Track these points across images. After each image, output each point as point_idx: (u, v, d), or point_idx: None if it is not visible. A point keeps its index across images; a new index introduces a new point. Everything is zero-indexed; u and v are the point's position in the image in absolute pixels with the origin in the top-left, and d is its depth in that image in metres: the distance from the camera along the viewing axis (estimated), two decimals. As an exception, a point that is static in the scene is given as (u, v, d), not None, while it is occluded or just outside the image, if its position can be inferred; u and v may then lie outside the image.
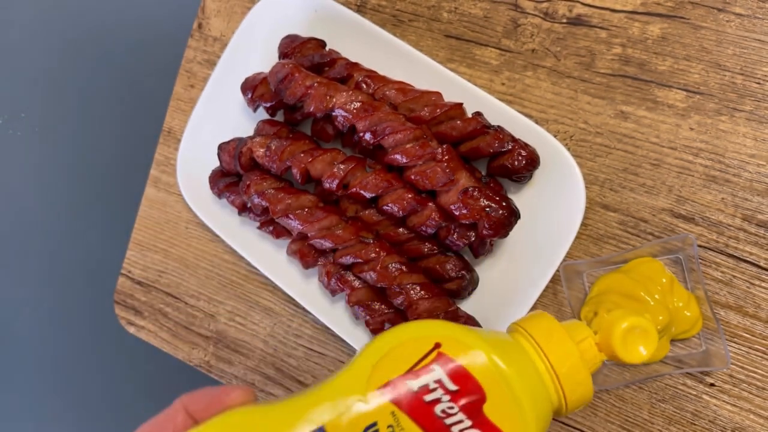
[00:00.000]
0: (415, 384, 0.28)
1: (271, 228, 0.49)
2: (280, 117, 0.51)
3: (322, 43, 0.49)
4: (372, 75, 0.46)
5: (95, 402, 0.73)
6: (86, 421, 0.73)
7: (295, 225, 0.46)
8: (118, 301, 0.59)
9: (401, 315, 0.46)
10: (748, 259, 0.43)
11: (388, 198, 0.44)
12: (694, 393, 0.44)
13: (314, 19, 0.51)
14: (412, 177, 0.43)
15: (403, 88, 0.46)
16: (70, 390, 0.75)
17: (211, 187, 0.52)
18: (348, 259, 0.45)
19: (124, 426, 0.71)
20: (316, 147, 0.47)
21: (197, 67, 0.58)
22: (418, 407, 0.28)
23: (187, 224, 0.57)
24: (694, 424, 0.44)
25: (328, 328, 0.51)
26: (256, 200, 0.47)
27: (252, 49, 0.52)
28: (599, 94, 0.46)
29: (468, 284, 0.45)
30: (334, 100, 0.44)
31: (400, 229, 0.46)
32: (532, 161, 0.43)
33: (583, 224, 0.46)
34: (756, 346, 0.43)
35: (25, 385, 0.76)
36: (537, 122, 0.47)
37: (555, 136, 0.46)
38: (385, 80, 0.46)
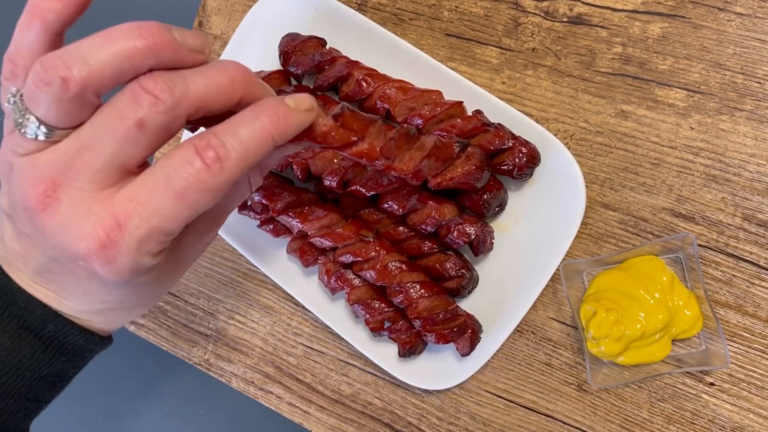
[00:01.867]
0: None
1: (270, 226, 0.49)
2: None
3: (322, 42, 0.49)
4: (372, 73, 0.46)
5: (93, 400, 0.73)
6: (85, 419, 0.73)
7: (295, 223, 0.46)
8: (118, 299, 0.59)
9: (401, 313, 0.46)
10: (747, 258, 0.43)
11: (387, 196, 0.44)
12: (694, 392, 0.44)
13: (315, 17, 0.51)
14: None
15: (403, 86, 0.46)
16: (68, 388, 0.75)
17: (211, 185, 0.52)
18: (348, 258, 0.45)
19: (122, 424, 0.71)
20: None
21: (198, 65, 0.58)
22: None
23: (186, 222, 0.57)
24: (694, 423, 0.44)
25: (328, 327, 0.51)
26: (257, 198, 0.47)
27: (252, 48, 0.52)
28: (600, 93, 0.46)
29: (468, 283, 0.45)
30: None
31: (400, 228, 0.46)
32: (533, 158, 0.43)
33: (583, 223, 0.46)
34: (755, 346, 0.43)
35: (24, 383, 0.76)
36: (537, 121, 0.47)
37: (555, 135, 0.46)
38: (385, 79, 0.46)
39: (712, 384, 0.43)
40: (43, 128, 0.26)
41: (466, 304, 0.47)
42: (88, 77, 0.24)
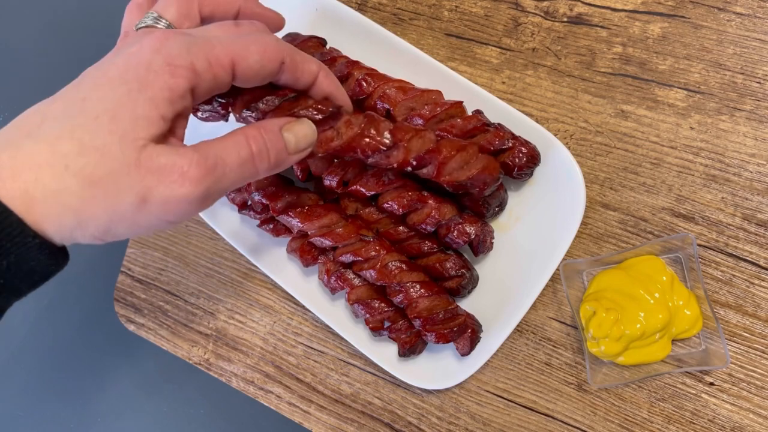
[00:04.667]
0: None
1: (271, 226, 0.49)
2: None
3: (322, 42, 0.49)
4: (372, 73, 0.46)
5: (94, 400, 0.73)
6: (84, 419, 0.73)
7: (295, 223, 0.46)
8: (118, 299, 0.59)
9: (401, 313, 0.46)
10: (747, 258, 0.43)
11: (387, 196, 0.44)
12: (694, 392, 0.44)
13: (315, 17, 0.51)
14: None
15: (403, 86, 0.46)
16: (68, 387, 0.75)
17: (212, 185, 0.52)
18: (348, 258, 0.45)
19: (122, 424, 0.71)
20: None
21: (198, 65, 0.58)
22: None
23: (187, 222, 0.57)
24: (694, 423, 0.44)
25: (328, 326, 0.51)
26: (257, 198, 0.47)
27: (253, 47, 0.52)
28: (600, 93, 0.47)
29: (468, 282, 0.45)
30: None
31: (400, 227, 0.46)
32: (533, 158, 0.43)
33: (583, 223, 0.46)
34: (755, 345, 0.43)
35: (22, 383, 0.76)
36: (537, 121, 0.47)
37: (555, 135, 0.46)
38: (385, 79, 0.46)
39: (711, 384, 0.43)
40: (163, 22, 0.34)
41: (466, 304, 0.47)
42: None
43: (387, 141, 0.39)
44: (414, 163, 0.40)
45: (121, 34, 0.37)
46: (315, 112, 0.37)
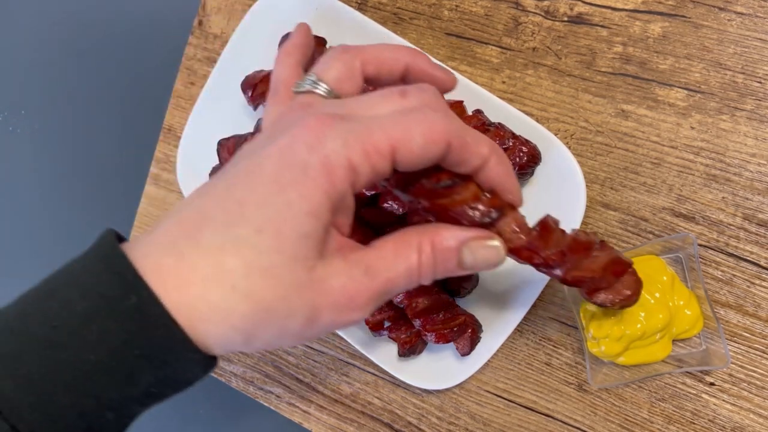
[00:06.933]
0: None
1: (270, 225, 0.49)
2: (280, 114, 0.51)
3: (322, 41, 0.49)
4: (372, 73, 0.46)
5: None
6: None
7: (295, 222, 0.46)
8: (118, 299, 0.59)
9: (401, 313, 0.46)
10: (748, 258, 0.43)
11: (388, 196, 0.44)
12: (694, 392, 0.44)
13: (315, 16, 0.51)
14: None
15: (403, 85, 0.46)
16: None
17: (211, 185, 0.52)
18: (348, 257, 0.45)
19: (122, 424, 0.71)
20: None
21: (197, 65, 0.58)
22: None
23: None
24: (694, 423, 0.44)
25: (328, 326, 0.51)
26: (256, 197, 0.47)
27: (252, 47, 0.52)
28: (600, 93, 0.46)
29: (468, 283, 0.45)
30: None
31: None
32: (534, 157, 0.43)
33: (584, 223, 0.46)
34: (756, 346, 0.43)
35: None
36: (538, 121, 0.47)
37: (556, 135, 0.46)
38: (385, 78, 0.46)
39: (712, 384, 0.43)
40: (323, 86, 0.32)
41: (466, 304, 0.47)
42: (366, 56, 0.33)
43: (553, 259, 0.35)
44: (565, 279, 0.37)
45: (270, 89, 0.35)
46: (476, 213, 0.31)
